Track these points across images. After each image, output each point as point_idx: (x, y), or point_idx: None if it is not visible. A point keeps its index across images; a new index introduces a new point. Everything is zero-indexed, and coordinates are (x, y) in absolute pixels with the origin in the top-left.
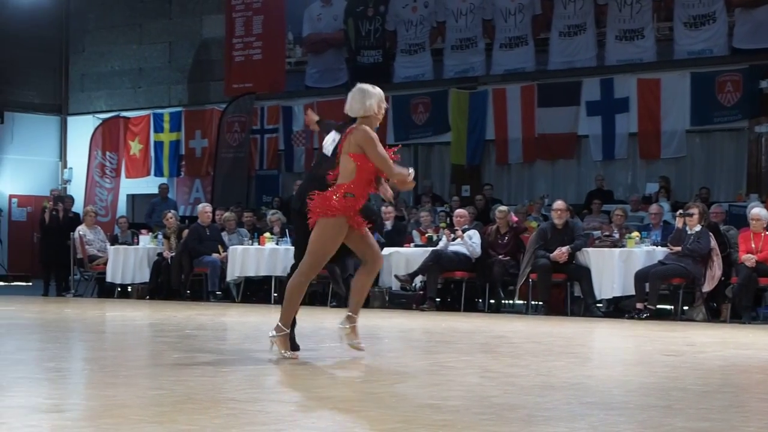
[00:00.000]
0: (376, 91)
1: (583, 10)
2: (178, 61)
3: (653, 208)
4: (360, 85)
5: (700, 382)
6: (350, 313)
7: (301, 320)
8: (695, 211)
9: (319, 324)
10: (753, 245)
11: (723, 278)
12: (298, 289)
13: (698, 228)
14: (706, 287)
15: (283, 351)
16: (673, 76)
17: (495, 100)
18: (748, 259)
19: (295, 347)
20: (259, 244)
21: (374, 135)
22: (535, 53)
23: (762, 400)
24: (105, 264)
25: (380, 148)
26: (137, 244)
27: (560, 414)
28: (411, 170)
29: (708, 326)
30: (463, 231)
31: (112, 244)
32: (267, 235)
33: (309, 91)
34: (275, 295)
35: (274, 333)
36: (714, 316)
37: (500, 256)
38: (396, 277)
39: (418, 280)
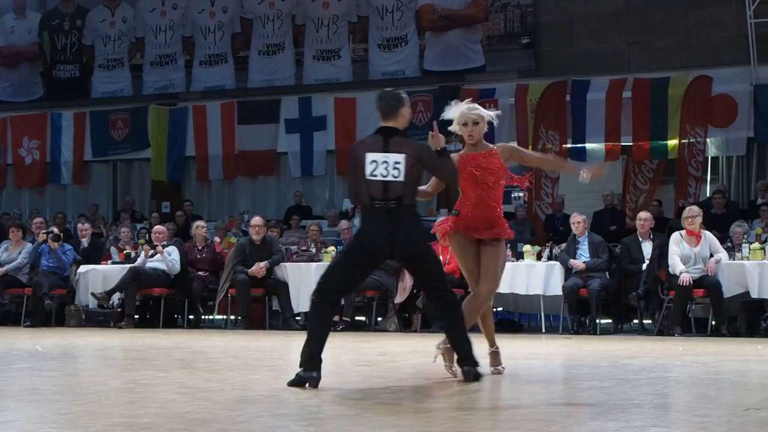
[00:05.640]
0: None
1: (282, 30)
2: None
3: (343, 223)
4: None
5: (390, 391)
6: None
7: None
8: None
9: (11, 345)
10: (441, 258)
11: (414, 290)
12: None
13: None
14: (398, 299)
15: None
16: (369, 96)
17: (195, 117)
18: None
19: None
20: None
21: None
22: (235, 71)
23: (445, 404)
24: None
25: None
26: None
27: (252, 427)
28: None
29: (400, 336)
30: (163, 247)
31: None
32: None
33: (2, 105)
34: None
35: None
36: (406, 326)
37: (200, 272)
38: (93, 294)
39: (115, 298)
